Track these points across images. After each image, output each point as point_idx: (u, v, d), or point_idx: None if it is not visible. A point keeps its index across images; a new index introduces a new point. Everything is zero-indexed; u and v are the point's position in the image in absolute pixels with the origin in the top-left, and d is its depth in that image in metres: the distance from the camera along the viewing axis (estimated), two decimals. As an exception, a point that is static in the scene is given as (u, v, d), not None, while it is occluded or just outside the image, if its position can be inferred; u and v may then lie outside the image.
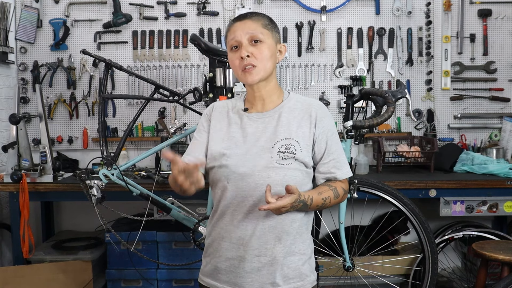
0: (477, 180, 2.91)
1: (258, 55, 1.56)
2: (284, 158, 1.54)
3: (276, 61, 1.64)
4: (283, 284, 1.56)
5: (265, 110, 1.63)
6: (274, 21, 1.67)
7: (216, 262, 1.61)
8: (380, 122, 2.33)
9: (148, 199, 2.51)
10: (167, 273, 3.06)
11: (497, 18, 3.54)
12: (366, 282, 2.75)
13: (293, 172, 1.55)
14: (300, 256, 1.60)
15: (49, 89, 3.50)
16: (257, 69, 1.57)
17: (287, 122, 1.59)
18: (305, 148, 1.57)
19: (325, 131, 1.60)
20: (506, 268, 2.47)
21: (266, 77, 1.60)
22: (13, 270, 2.85)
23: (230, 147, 1.58)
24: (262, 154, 1.55)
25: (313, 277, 1.64)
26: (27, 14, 3.42)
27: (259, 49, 1.57)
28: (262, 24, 1.59)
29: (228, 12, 3.48)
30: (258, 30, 1.58)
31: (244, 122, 1.62)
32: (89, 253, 3.08)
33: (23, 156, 2.88)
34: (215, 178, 1.61)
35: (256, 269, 1.55)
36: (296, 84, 3.54)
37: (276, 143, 1.56)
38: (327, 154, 1.60)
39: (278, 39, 1.65)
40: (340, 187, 1.62)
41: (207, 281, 1.64)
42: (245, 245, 1.55)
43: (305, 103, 1.64)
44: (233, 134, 1.61)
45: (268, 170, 1.53)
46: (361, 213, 2.97)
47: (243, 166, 1.55)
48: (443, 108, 3.58)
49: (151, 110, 3.52)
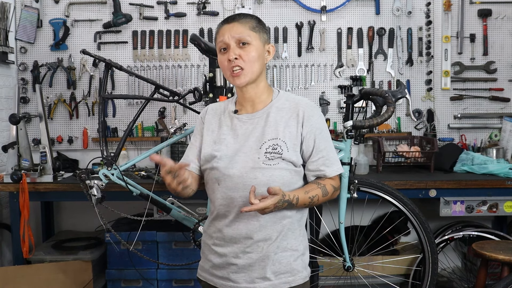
0: (477, 180, 2.91)
1: (245, 57, 1.60)
2: (271, 158, 1.57)
3: (265, 61, 1.66)
4: (274, 279, 1.61)
5: (254, 111, 1.67)
6: (263, 22, 1.68)
7: (211, 259, 1.67)
8: (380, 122, 2.33)
9: (148, 199, 2.51)
10: (167, 273, 3.06)
11: (497, 18, 3.54)
12: (366, 282, 2.75)
13: (280, 172, 1.58)
14: (292, 252, 1.64)
15: (49, 89, 3.50)
16: (245, 72, 1.60)
17: (275, 122, 1.62)
18: (292, 148, 1.60)
19: (313, 129, 1.63)
20: (506, 268, 2.47)
21: (255, 79, 1.63)
22: (13, 270, 2.85)
23: (220, 149, 1.64)
24: (250, 155, 1.59)
25: (305, 273, 1.67)
26: (27, 14, 3.42)
27: (246, 51, 1.60)
28: (249, 26, 1.62)
29: (228, 12, 3.48)
30: (245, 32, 1.60)
31: (235, 123, 1.67)
32: (89, 253, 3.08)
33: (23, 156, 2.88)
34: (208, 180, 1.68)
35: (248, 265, 1.61)
36: (296, 84, 3.54)
37: (264, 143, 1.60)
38: (316, 152, 1.63)
39: (266, 40, 1.67)
40: (329, 184, 1.65)
41: (204, 275, 1.71)
42: (237, 243, 1.61)
43: (293, 102, 1.66)
44: (223, 136, 1.66)
45: (255, 171, 1.58)
46: (361, 213, 2.97)
47: (232, 168, 1.60)
48: (443, 108, 3.58)
49: (151, 110, 3.52)
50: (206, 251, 1.71)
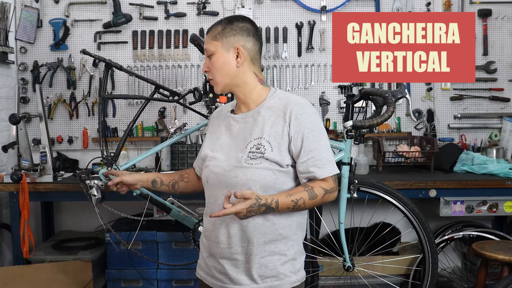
0: (477, 180, 2.91)
1: (212, 69, 1.65)
2: (253, 157, 1.57)
3: (236, 65, 1.63)
4: (261, 282, 1.60)
5: (248, 110, 1.68)
6: (232, 24, 1.64)
7: (205, 257, 1.71)
8: (380, 122, 2.33)
9: (148, 199, 2.51)
10: (167, 273, 3.06)
11: (497, 18, 3.54)
12: (366, 282, 2.74)
13: (262, 172, 1.56)
14: (280, 257, 1.61)
15: (49, 89, 3.50)
16: (215, 82, 1.67)
17: (263, 121, 1.61)
18: (277, 147, 1.57)
19: (301, 129, 1.57)
20: (506, 268, 2.47)
21: (231, 84, 1.65)
22: (13, 270, 2.85)
23: (215, 149, 1.68)
24: (236, 154, 1.60)
25: (294, 278, 1.63)
26: (27, 14, 3.42)
27: (212, 62, 1.65)
28: (212, 36, 1.65)
29: (228, 12, 3.48)
30: (209, 43, 1.66)
31: (230, 123, 1.69)
32: (89, 253, 3.08)
33: (23, 156, 2.88)
34: (202, 178, 1.73)
35: (234, 265, 1.61)
36: (296, 84, 3.54)
37: (249, 143, 1.60)
38: (304, 152, 1.57)
39: (232, 44, 1.62)
40: (318, 187, 1.57)
41: (200, 273, 1.74)
42: (222, 243, 1.62)
43: (284, 101, 1.63)
44: (220, 136, 1.69)
45: (236, 169, 1.58)
46: (361, 213, 2.97)
47: (219, 166, 1.63)
48: (443, 108, 3.58)
49: (151, 110, 3.52)
50: (201, 249, 1.75)
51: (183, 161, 3.25)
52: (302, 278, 1.67)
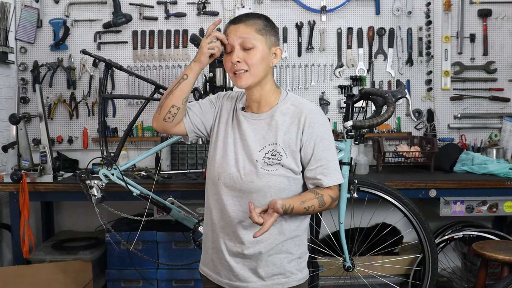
0: (477, 180, 2.91)
1: (248, 61, 1.57)
2: (269, 164, 1.58)
3: (270, 64, 1.63)
4: (267, 279, 1.62)
5: (260, 111, 1.66)
6: (272, 22, 1.65)
7: (210, 253, 1.70)
8: (380, 122, 2.33)
9: (148, 199, 2.51)
10: (167, 273, 3.06)
11: (497, 18, 3.54)
12: (366, 282, 2.75)
13: (277, 179, 1.58)
14: (287, 255, 1.64)
15: (49, 89, 3.50)
16: (247, 74, 1.58)
17: (276, 127, 1.61)
18: (291, 154, 1.60)
19: (313, 137, 1.60)
20: (506, 268, 2.47)
21: (259, 82, 1.61)
22: (13, 270, 2.85)
23: (225, 145, 1.65)
24: (250, 157, 1.60)
25: (300, 276, 1.67)
26: (27, 14, 3.42)
27: (250, 54, 1.57)
28: (255, 29, 1.58)
29: (228, 12, 3.48)
30: (251, 35, 1.57)
31: (240, 120, 1.66)
32: (89, 253, 3.08)
33: (23, 156, 2.88)
34: (210, 173, 1.70)
35: (241, 262, 1.63)
36: (296, 84, 3.54)
37: (264, 148, 1.59)
38: (314, 160, 1.61)
39: (274, 42, 1.63)
40: (327, 195, 1.63)
41: (204, 270, 1.74)
42: (231, 240, 1.63)
43: (298, 107, 1.63)
44: (230, 131, 1.67)
45: (252, 174, 1.58)
46: (361, 213, 2.97)
47: (233, 166, 1.61)
48: (443, 108, 3.58)
49: (151, 110, 3.51)
50: (205, 244, 1.74)
51: (183, 161, 3.25)
52: (306, 275, 1.71)
